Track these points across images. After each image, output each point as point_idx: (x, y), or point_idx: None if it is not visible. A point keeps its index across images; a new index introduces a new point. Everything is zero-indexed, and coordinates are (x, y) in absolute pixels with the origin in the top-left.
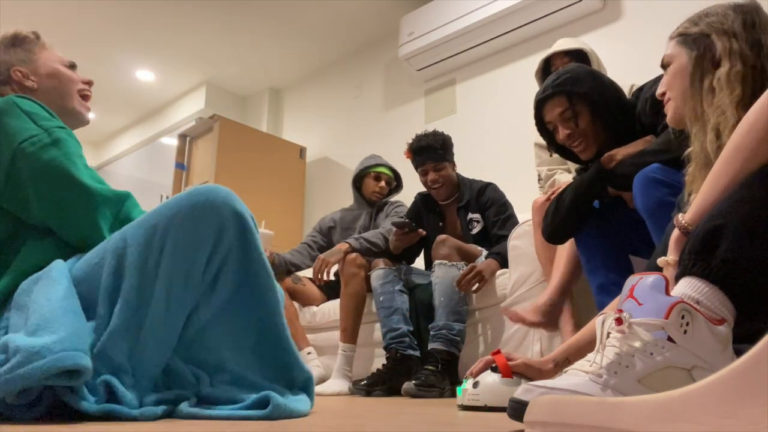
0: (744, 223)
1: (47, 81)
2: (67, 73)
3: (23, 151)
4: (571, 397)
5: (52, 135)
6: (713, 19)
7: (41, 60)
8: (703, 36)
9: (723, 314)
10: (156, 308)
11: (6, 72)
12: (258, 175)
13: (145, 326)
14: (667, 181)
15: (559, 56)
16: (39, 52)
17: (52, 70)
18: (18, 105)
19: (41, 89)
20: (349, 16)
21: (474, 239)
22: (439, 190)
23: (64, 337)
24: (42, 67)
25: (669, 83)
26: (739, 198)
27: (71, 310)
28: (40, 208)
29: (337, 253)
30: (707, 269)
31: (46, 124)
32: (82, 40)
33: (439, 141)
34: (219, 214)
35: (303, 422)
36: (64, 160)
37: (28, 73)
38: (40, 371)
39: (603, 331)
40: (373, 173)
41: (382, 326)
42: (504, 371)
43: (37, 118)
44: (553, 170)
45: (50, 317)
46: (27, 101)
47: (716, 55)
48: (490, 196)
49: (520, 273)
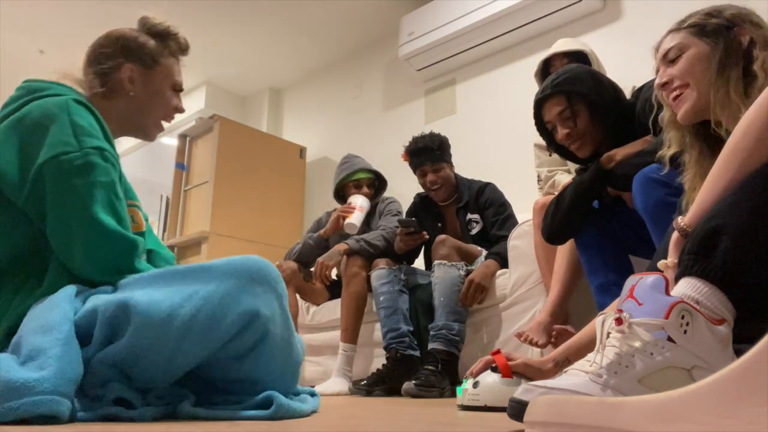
0: (742, 224)
1: (145, 97)
2: (167, 99)
3: (50, 167)
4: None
5: (85, 157)
6: (735, 11)
7: (159, 74)
8: (725, 28)
9: (723, 314)
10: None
11: (117, 63)
12: (258, 175)
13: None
14: (666, 181)
15: (558, 57)
16: (167, 62)
17: (159, 90)
18: (69, 113)
19: (132, 99)
20: (349, 16)
21: (473, 240)
22: (438, 192)
23: (48, 376)
24: (153, 83)
25: (689, 70)
26: (737, 199)
27: (64, 340)
28: (50, 230)
29: (336, 255)
30: (706, 269)
31: (86, 142)
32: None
33: (436, 142)
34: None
35: (303, 422)
36: (86, 190)
37: (137, 80)
38: (13, 413)
39: (603, 331)
40: (352, 183)
41: (383, 326)
42: (504, 371)
43: (80, 131)
44: (553, 171)
45: (41, 347)
46: (82, 110)
47: (743, 45)
48: (488, 197)
49: (520, 273)
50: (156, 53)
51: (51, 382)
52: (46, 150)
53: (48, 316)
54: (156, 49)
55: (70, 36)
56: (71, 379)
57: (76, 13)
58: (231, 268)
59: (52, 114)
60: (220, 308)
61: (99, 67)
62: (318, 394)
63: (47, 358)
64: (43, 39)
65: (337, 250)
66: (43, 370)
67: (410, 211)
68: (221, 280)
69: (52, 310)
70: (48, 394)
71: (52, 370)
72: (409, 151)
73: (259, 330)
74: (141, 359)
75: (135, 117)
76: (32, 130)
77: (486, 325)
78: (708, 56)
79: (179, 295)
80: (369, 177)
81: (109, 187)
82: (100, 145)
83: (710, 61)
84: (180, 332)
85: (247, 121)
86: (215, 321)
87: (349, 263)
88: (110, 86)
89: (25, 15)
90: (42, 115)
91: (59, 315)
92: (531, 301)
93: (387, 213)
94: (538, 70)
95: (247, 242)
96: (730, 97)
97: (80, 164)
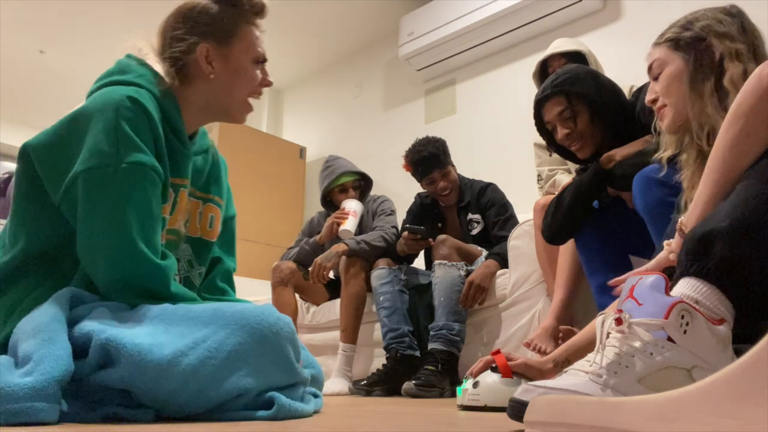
0: (739, 223)
1: (226, 76)
2: (252, 73)
3: (84, 177)
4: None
5: (121, 172)
6: (706, 23)
7: (238, 48)
8: (698, 40)
9: (722, 314)
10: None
11: (191, 44)
12: (258, 175)
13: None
14: (666, 181)
15: (556, 58)
16: (244, 33)
17: (240, 66)
18: (118, 115)
19: (213, 82)
20: (349, 16)
21: (474, 240)
22: (449, 196)
23: (30, 382)
24: (234, 59)
25: (666, 89)
26: (733, 199)
27: (50, 340)
28: (79, 242)
29: (334, 256)
30: (704, 269)
31: (126, 155)
32: (83, 39)
33: (440, 147)
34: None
35: (303, 422)
36: (116, 208)
37: (215, 59)
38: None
39: (603, 331)
40: (337, 188)
41: (382, 326)
42: (504, 371)
43: (124, 141)
44: (554, 170)
45: (28, 351)
46: (136, 112)
47: (715, 58)
48: (490, 197)
49: (520, 273)
50: (230, 24)
51: (32, 387)
52: (84, 157)
53: (38, 318)
54: (229, 18)
55: (70, 36)
56: (55, 378)
57: (76, 13)
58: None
59: (102, 116)
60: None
61: (170, 51)
62: (321, 395)
63: (32, 363)
64: (43, 39)
65: (335, 251)
66: (28, 376)
67: (411, 211)
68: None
69: (44, 312)
70: (28, 401)
71: (34, 375)
72: (413, 162)
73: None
74: (136, 395)
75: (219, 100)
76: (82, 129)
77: (486, 325)
78: (681, 72)
79: (184, 341)
80: (354, 179)
81: (142, 206)
82: (140, 160)
83: (683, 77)
84: (180, 381)
85: (246, 121)
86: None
87: (349, 264)
88: (186, 71)
89: (25, 15)
90: (94, 111)
91: (48, 316)
92: (531, 301)
93: (381, 213)
94: (536, 71)
95: (247, 242)
96: (705, 111)
97: (114, 179)
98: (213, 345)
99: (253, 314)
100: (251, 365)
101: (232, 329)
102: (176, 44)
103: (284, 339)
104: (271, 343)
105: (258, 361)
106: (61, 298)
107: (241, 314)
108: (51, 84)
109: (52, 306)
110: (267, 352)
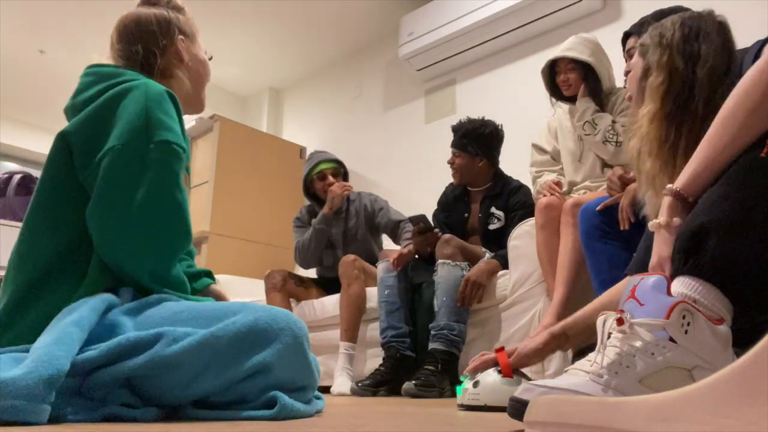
0: (729, 219)
1: (197, 66)
2: (208, 65)
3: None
4: (571, 397)
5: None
6: (657, 31)
7: (197, 43)
8: (646, 47)
9: (721, 312)
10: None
11: (170, 36)
12: (258, 175)
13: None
14: None
15: (565, 61)
16: (195, 33)
17: (202, 57)
18: (157, 99)
19: (189, 70)
20: (349, 16)
21: (489, 234)
22: (455, 174)
23: (14, 377)
24: (198, 52)
25: (629, 90)
26: (722, 193)
27: (55, 341)
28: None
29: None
30: (698, 267)
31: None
32: (83, 39)
33: (468, 130)
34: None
35: (303, 422)
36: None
37: (186, 50)
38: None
39: (604, 331)
40: (315, 176)
41: (382, 321)
42: (505, 370)
43: (155, 118)
44: (540, 172)
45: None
46: (169, 100)
47: (650, 67)
48: (520, 200)
49: (520, 273)
50: (191, 21)
51: (15, 385)
52: (117, 133)
53: (63, 320)
54: (188, 18)
55: (70, 36)
56: (42, 377)
57: (76, 13)
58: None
59: (138, 99)
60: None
61: (153, 46)
62: (323, 397)
63: (27, 360)
64: (43, 39)
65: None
66: (14, 374)
67: (441, 200)
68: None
69: (68, 315)
70: (11, 399)
71: (20, 373)
72: (453, 128)
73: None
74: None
75: (193, 88)
76: (116, 109)
77: (486, 325)
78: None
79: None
80: (332, 166)
81: (178, 180)
82: (172, 138)
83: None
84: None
85: (247, 121)
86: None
87: (348, 266)
88: (167, 64)
89: (25, 15)
90: (131, 96)
91: (69, 320)
92: (531, 301)
93: (380, 209)
94: (544, 68)
95: (247, 242)
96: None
97: (148, 155)
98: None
99: (288, 315)
100: (275, 350)
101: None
102: (157, 39)
103: (308, 343)
104: (302, 346)
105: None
106: (92, 306)
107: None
108: (51, 84)
109: (77, 311)
110: (298, 352)
